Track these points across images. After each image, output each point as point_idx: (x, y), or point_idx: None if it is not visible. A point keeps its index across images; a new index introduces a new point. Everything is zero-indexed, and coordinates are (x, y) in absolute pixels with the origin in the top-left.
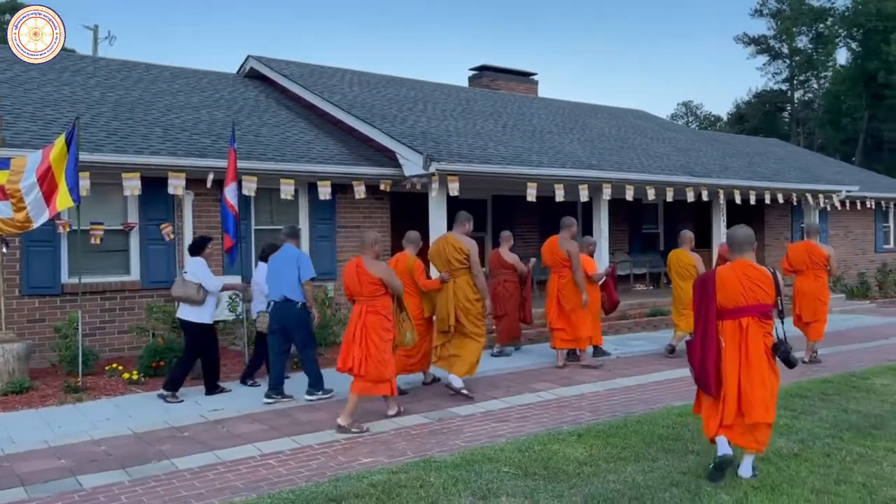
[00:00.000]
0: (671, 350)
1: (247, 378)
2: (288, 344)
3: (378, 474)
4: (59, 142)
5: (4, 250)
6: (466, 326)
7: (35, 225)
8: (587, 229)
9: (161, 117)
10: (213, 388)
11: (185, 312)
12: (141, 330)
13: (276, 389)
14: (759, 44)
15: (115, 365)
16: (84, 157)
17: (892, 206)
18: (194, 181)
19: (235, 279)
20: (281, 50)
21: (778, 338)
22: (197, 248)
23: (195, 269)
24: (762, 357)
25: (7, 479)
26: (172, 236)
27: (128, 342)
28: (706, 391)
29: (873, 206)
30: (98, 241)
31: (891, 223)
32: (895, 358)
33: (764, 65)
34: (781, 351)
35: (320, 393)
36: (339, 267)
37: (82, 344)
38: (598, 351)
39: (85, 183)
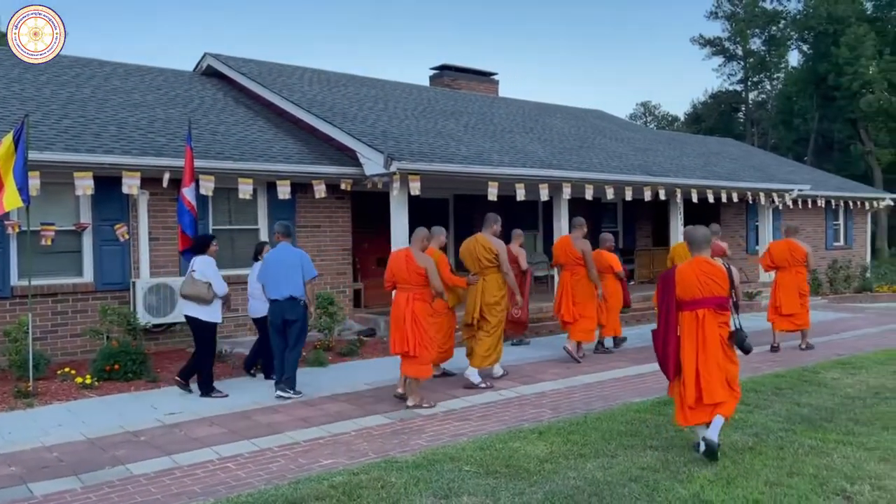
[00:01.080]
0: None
1: (250, 368)
2: (270, 339)
3: (339, 476)
4: (6, 140)
5: None
6: (490, 321)
7: None
8: (547, 229)
9: (115, 115)
10: (209, 389)
11: (195, 311)
12: (95, 333)
13: (287, 383)
14: (715, 45)
15: (67, 369)
16: (34, 155)
17: (841, 204)
18: (150, 180)
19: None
20: (239, 48)
21: (734, 327)
22: (201, 246)
23: (204, 269)
24: (717, 345)
25: None
26: (127, 237)
27: (81, 346)
28: (666, 375)
29: (824, 205)
30: (49, 242)
31: (841, 221)
32: (844, 353)
33: (719, 66)
34: (738, 339)
35: (291, 392)
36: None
37: (33, 348)
38: (616, 341)
39: (35, 182)
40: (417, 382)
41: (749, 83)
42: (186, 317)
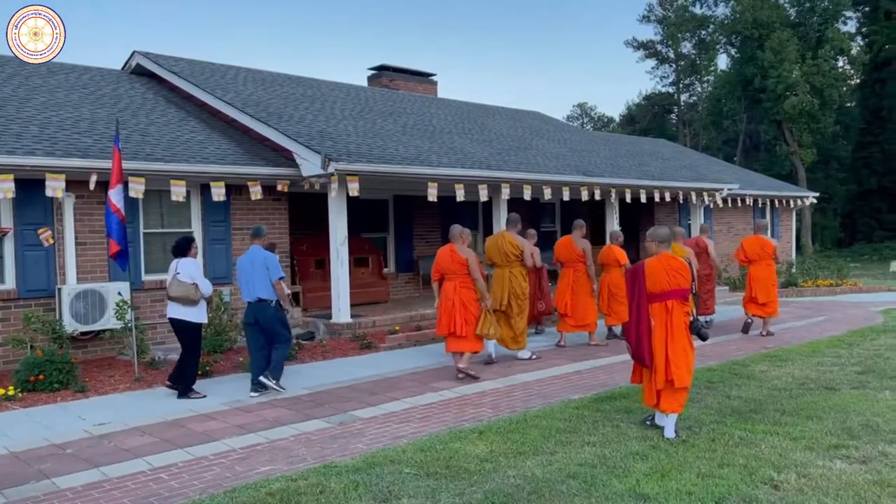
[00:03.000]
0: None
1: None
2: (264, 340)
3: (276, 482)
4: None
5: None
6: (514, 308)
7: None
8: (487, 228)
9: (37, 115)
10: (188, 390)
11: (181, 312)
12: (18, 342)
13: (260, 384)
14: (648, 48)
15: None
16: None
17: (767, 202)
18: (76, 183)
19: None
20: (170, 47)
21: (693, 316)
22: (182, 249)
23: (189, 270)
24: (683, 332)
25: None
26: (52, 241)
27: (3, 356)
28: (642, 364)
29: (752, 203)
30: None
31: (767, 219)
32: (771, 346)
33: (652, 68)
34: (695, 327)
35: (274, 382)
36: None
37: None
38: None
39: None
40: (469, 356)
41: (681, 85)
42: (172, 319)
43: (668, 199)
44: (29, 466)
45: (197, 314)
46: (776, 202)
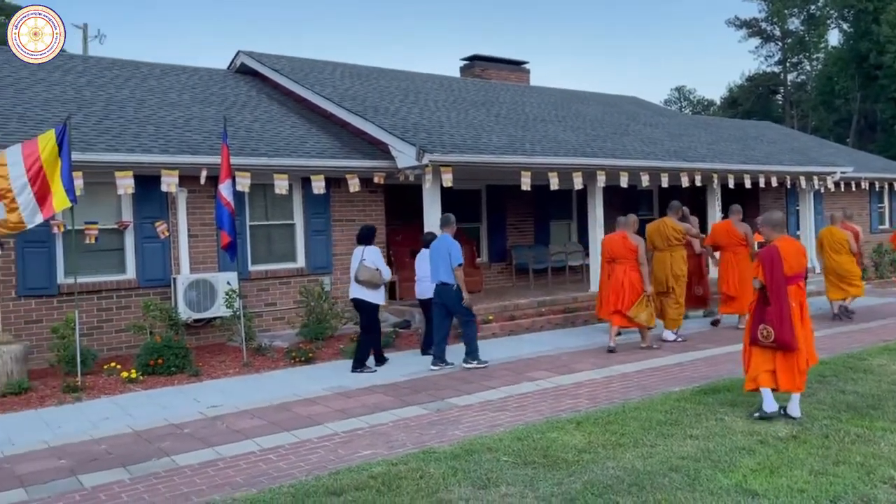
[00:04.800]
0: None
1: (429, 349)
2: (448, 319)
3: (378, 466)
4: (47, 140)
5: (0, 251)
6: (676, 290)
7: (28, 226)
8: (581, 216)
9: (152, 115)
10: (361, 365)
11: (364, 294)
12: (138, 328)
13: (439, 357)
14: (751, 27)
15: (113, 364)
16: (76, 156)
17: (886, 186)
18: (188, 178)
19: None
20: (269, 45)
21: None
22: (366, 237)
23: (373, 257)
24: (808, 314)
25: (7, 480)
26: (167, 234)
27: (125, 341)
28: (789, 347)
29: (868, 187)
30: (93, 241)
31: (886, 204)
32: (891, 339)
33: (756, 48)
34: None
35: (475, 362)
36: (335, 261)
37: (80, 344)
38: None
39: (79, 182)
40: (645, 331)
41: (787, 64)
42: (354, 299)
43: (774, 184)
44: (150, 444)
45: (376, 296)
46: (895, 186)
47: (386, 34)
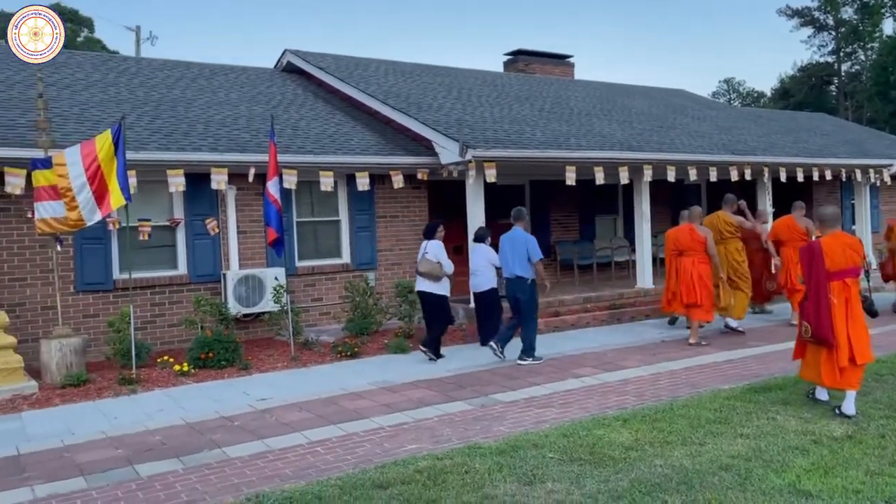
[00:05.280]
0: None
1: (487, 341)
2: (518, 311)
3: (423, 460)
4: (104, 140)
5: (59, 248)
6: (736, 281)
7: (88, 223)
8: (628, 211)
9: (202, 114)
10: (437, 353)
11: (426, 286)
12: (190, 323)
13: (502, 343)
14: (803, 16)
15: (166, 357)
16: (130, 155)
17: None
18: (236, 176)
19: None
20: (314, 42)
21: (863, 293)
22: (430, 231)
23: (435, 251)
24: (860, 309)
25: (67, 469)
26: (217, 230)
27: (177, 335)
28: (826, 342)
29: None
30: (146, 238)
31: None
32: None
33: (808, 37)
34: (867, 304)
35: (530, 359)
36: (380, 256)
37: (134, 337)
38: None
39: (132, 181)
40: (700, 325)
41: (841, 54)
42: (419, 292)
43: (828, 177)
44: (202, 436)
45: (441, 288)
46: None
47: (430, 31)
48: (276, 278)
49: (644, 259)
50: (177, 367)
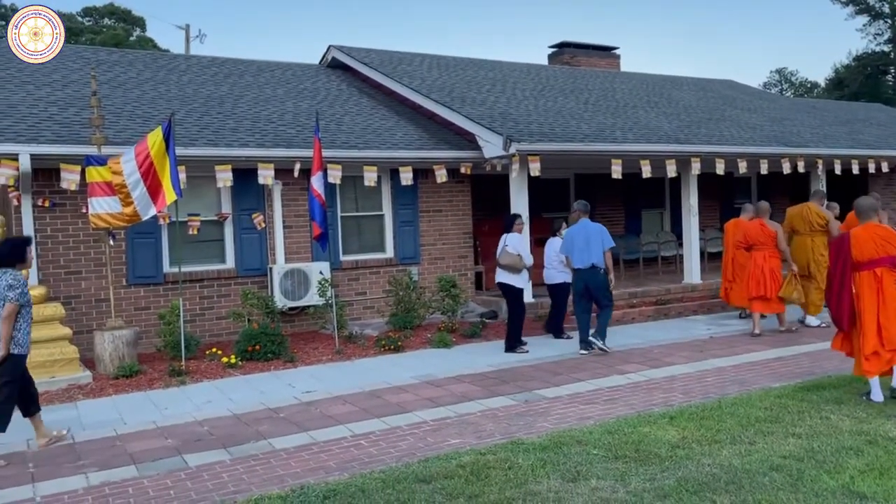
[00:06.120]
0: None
1: (560, 332)
2: (591, 303)
3: (466, 455)
4: (155, 137)
5: (112, 243)
6: (816, 276)
7: (143, 218)
8: (675, 205)
9: (249, 110)
10: (513, 345)
11: (506, 278)
12: (237, 316)
13: (587, 342)
14: (858, 4)
15: (214, 349)
16: (179, 151)
17: None
18: (282, 171)
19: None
20: (358, 38)
21: None
22: (509, 224)
23: (515, 244)
24: (894, 298)
25: (120, 457)
26: (263, 225)
27: (225, 327)
28: (839, 327)
29: None
30: (195, 232)
31: None
32: None
33: (864, 26)
34: None
35: (601, 342)
36: (423, 251)
37: (184, 330)
38: None
39: (182, 176)
40: (781, 316)
41: None
42: (499, 283)
43: (885, 169)
44: (249, 427)
45: (520, 280)
46: None
47: (474, 24)
48: (320, 272)
49: (692, 254)
50: (224, 360)
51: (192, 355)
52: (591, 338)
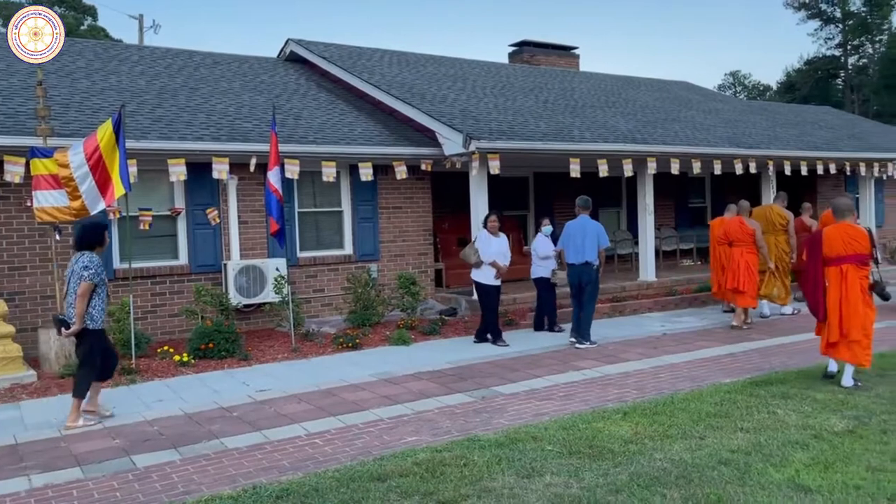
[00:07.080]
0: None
1: (540, 327)
2: (581, 297)
3: (422, 453)
4: (105, 130)
5: (58, 237)
6: (781, 270)
7: (92, 213)
8: (631, 205)
9: (204, 103)
10: (494, 340)
11: (473, 274)
12: (190, 313)
13: (583, 336)
14: (810, 8)
15: (166, 347)
16: (131, 144)
17: None
18: (238, 166)
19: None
20: (317, 32)
21: (874, 279)
22: (484, 222)
23: (479, 239)
24: (858, 293)
25: (64, 459)
26: (218, 220)
27: (178, 325)
28: (816, 317)
29: None
30: (147, 227)
31: None
32: None
33: (815, 30)
34: (877, 289)
35: (587, 342)
36: (382, 248)
37: (134, 327)
38: None
39: (133, 170)
40: (745, 310)
41: (848, 47)
42: (474, 281)
43: (832, 170)
44: (201, 427)
45: (481, 276)
46: None
47: (435, 21)
48: (277, 269)
49: (647, 252)
50: (177, 358)
51: (143, 353)
52: (571, 338)
